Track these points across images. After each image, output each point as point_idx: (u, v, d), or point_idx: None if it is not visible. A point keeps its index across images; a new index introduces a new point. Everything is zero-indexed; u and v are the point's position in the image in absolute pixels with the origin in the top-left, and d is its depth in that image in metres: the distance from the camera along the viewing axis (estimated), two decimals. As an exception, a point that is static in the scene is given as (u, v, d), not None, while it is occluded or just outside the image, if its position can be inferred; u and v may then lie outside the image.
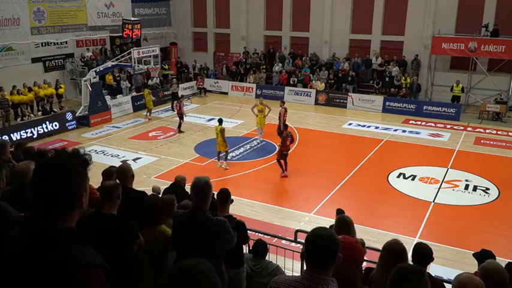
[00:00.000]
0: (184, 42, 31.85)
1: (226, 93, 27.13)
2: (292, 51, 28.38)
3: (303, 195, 13.36)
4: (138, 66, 21.56)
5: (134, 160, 15.85)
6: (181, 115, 19.23)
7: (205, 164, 15.50)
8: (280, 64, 27.35)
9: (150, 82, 25.42)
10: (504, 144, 18.23)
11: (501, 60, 22.58)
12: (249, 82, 27.13)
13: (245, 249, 6.01)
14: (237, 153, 16.81)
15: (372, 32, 26.35)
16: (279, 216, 11.92)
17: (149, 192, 6.40)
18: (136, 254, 4.24)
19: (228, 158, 15.89)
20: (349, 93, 24.44)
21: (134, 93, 24.42)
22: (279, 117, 17.71)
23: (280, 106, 17.94)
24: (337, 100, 24.49)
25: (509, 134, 19.72)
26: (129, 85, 24.95)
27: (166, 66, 28.73)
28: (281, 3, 28.33)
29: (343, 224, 4.46)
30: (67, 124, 19.68)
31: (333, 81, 25.47)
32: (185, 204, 4.80)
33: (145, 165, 15.58)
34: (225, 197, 5.03)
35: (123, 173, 5.21)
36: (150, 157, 16.37)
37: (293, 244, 7.82)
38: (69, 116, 19.89)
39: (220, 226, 4.02)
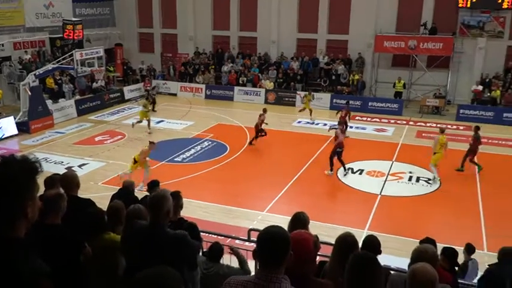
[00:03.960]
0: (129, 43, 31.13)
1: (175, 95, 26.78)
2: (240, 51, 28.45)
3: (256, 194, 13.44)
4: (81, 68, 20.83)
5: (80, 166, 15.32)
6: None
7: (156, 167, 15.23)
8: (230, 64, 27.34)
9: (94, 85, 24.65)
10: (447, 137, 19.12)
11: (439, 57, 23.72)
12: (198, 83, 26.93)
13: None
14: (188, 155, 16.65)
15: (318, 31, 26.90)
16: (231, 216, 11.93)
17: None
18: (85, 263, 4.10)
19: (179, 160, 15.70)
20: (297, 92, 24.82)
21: (78, 97, 23.56)
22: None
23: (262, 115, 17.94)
24: (286, 99, 24.81)
25: (448, 127, 20.71)
26: (72, 88, 24.07)
27: (112, 68, 27.95)
28: (228, 4, 28.33)
29: (298, 221, 4.52)
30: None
31: (282, 80, 25.78)
32: (135, 210, 4.68)
33: (92, 171, 15.09)
34: (174, 200, 4.94)
35: (68, 180, 5.00)
36: (97, 162, 15.88)
37: (247, 243, 7.84)
38: (8, 122, 18.91)
39: (179, 241, 3.84)
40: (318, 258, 4.29)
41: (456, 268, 5.46)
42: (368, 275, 2.76)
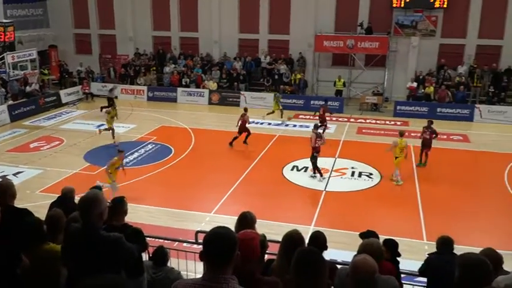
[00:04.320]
0: (65, 44, 29.82)
1: (115, 97, 25.95)
2: (182, 52, 28.12)
3: (202, 196, 13.33)
4: (13, 71, 19.73)
5: (15, 175, 14.49)
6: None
7: (98, 173, 14.71)
8: (172, 65, 26.93)
9: (28, 88, 23.41)
10: (383, 132, 19.95)
11: (376, 56, 24.63)
12: (140, 84, 26.31)
13: (145, 256, 5.82)
14: (131, 159, 16.22)
15: (260, 31, 27.11)
16: (178, 219, 11.75)
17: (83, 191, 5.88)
18: (24, 275, 3.87)
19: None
20: (241, 92, 24.88)
21: (11, 102, 22.27)
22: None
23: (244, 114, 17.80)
24: (230, 99, 24.80)
25: (387, 122, 21.64)
26: (4, 93, 22.73)
27: (46, 71, 26.70)
28: (168, 4, 27.90)
29: (244, 220, 4.51)
30: None
31: (225, 80, 25.74)
32: (75, 217, 4.48)
33: (28, 179, 14.33)
34: (118, 205, 4.80)
35: (3, 190, 4.70)
36: (33, 170, 15.09)
37: (195, 246, 7.74)
38: None
39: (113, 243, 3.68)
40: (266, 256, 4.31)
41: (398, 258, 5.66)
42: (312, 270, 2.79)
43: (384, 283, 3.71)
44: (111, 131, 17.81)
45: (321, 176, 14.40)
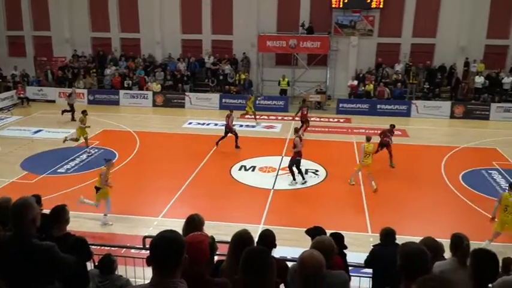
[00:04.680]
0: (-4, 47, 28.24)
1: (53, 101, 24.90)
2: (123, 53, 27.40)
3: (150, 200, 13.06)
4: None
5: None
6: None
7: (36, 181, 14.03)
8: (113, 67, 26.17)
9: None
10: (327, 129, 20.45)
11: (318, 55, 25.19)
12: (79, 87, 25.34)
13: (90, 265, 5.62)
14: (73, 165, 15.61)
15: (202, 31, 26.94)
16: (126, 225, 11.43)
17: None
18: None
19: (63, 171, 14.68)
20: (186, 93, 24.63)
21: None
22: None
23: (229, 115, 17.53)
24: (174, 100, 24.47)
25: (330, 120, 22.20)
26: None
27: (-24, 75, 25.15)
28: (106, 4, 27.10)
29: (192, 223, 4.45)
30: None
31: (170, 82, 25.36)
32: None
33: (-40, 190, 13.42)
34: (57, 214, 4.59)
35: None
36: (-36, 181, 14.15)
37: (143, 251, 7.58)
38: None
39: (45, 252, 3.53)
40: (216, 257, 4.28)
41: (344, 251, 5.80)
42: (260, 269, 2.80)
43: (336, 278, 3.81)
44: (84, 140, 16.66)
45: (303, 178, 14.20)
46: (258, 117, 21.86)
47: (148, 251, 2.56)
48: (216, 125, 20.93)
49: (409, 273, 2.80)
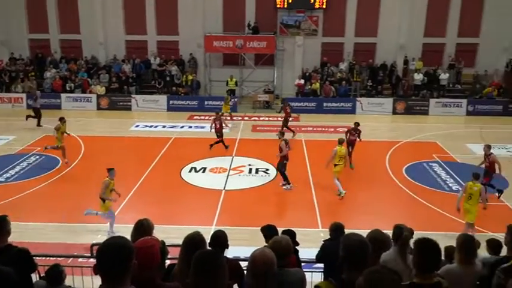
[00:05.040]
0: None
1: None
2: (64, 55, 26.39)
3: (97, 206, 12.61)
4: None
5: None
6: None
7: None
8: (53, 70, 25.12)
9: None
10: (276, 128, 20.55)
11: (264, 55, 25.41)
12: (18, 92, 24.13)
13: (35, 277, 5.37)
14: (13, 173, 14.86)
15: (147, 32, 26.45)
16: (73, 234, 11.02)
17: None
18: None
19: (2, 180, 13.94)
20: (132, 95, 24.09)
21: None
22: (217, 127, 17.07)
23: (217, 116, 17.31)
24: (120, 103, 23.87)
25: (279, 119, 22.40)
26: None
27: None
28: (44, 4, 25.97)
29: (141, 228, 4.36)
30: None
31: (116, 84, 24.69)
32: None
33: None
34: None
35: None
36: None
37: (91, 260, 7.33)
38: None
39: None
40: (168, 261, 4.22)
41: (296, 247, 5.89)
42: (210, 272, 2.79)
43: (293, 276, 3.86)
44: (61, 150, 15.65)
45: (289, 184, 13.78)
46: (206, 117, 21.71)
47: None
48: (164, 127, 20.63)
49: (351, 263, 2.88)
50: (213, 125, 17.09)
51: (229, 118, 21.03)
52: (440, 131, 20.06)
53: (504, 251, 4.98)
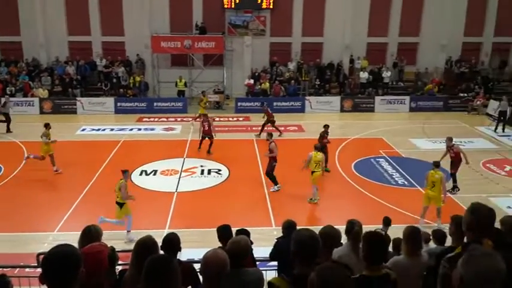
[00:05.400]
0: None
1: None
2: (3, 58, 25.12)
3: (43, 215, 12.12)
4: None
5: None
6: None
7: None
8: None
9: None
10: (227, 128, 20.65)
11: (213, 55, 25.32)
12: (-49, 97, 22.72)
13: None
14: (-52, 183, 13.96)
15: (91, 33, 25.67)
16: (17, 243, 10.52)
17: None
18: None
19: None
20: (77, 98, 23.29)
21: None
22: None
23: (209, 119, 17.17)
24: (65, 107, 23.02)
25: (230, 119, 22.47)
26: None
27: None
28: (-22, 3, 24.62)
29: (89, 234, 4.24)
30: None
31: (59, 87, 23.76)
32: None
33: None
34: None
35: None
36: None
37: (38, 270, 7.03)
38: None
39: None
40: (120, 267, 4.12)
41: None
42: (162, 278, 2.76)
43: (252, 275, 3.88)
44: (50, 158, 14.80)
45: (276, 184, 13.74)
46: (156, 119, 21.40)
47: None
48: (112, 130, 20.09)
49: (302, 258, 2.94)
50: (201, 127, 16.92)
51: (198, 119, 20.60)
52: (386, 127, 20.79)
53: (449, 241, 5.21)
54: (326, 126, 15.62)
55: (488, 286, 2.03)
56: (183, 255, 7.99)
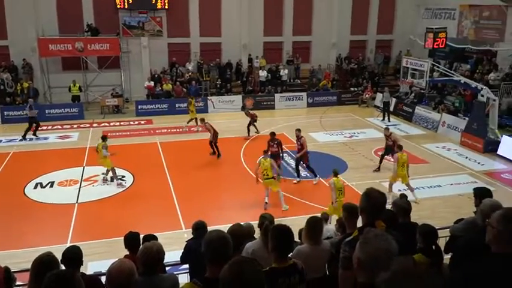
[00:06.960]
0: None
1: None
2: None
3: None
4: None
5: None
6: None
7: None
8: None
9: None
10: (128, 133, 20.00)
11: (109, 57, 24.31)
12: None
13: None
14: None
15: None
16: None
17: None
18: None
19: None
20: None
21: None
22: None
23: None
24: None
25: (131, 123, 21.76)
26: None
27: None
28: None
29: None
30: None
31: None
32: None
33: None
34: None
35: None
36: None
37: None
38: None
39: None
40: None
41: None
42: None
43: (167, 281, 3.84)
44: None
45: (316, 175, 14.47)
46: (49, 127, 20.05)
47: None
48: (21, 140, 18.54)
49: (212, 259, 3.00)
50: (213, 132, 16.67)
51: (194, 124, 19.98)
52: (286, 123, 21.58)
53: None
54: (272, 134, 14.84)
55: (381, 264, 2.26)
56: (92, 268, 7.66)
